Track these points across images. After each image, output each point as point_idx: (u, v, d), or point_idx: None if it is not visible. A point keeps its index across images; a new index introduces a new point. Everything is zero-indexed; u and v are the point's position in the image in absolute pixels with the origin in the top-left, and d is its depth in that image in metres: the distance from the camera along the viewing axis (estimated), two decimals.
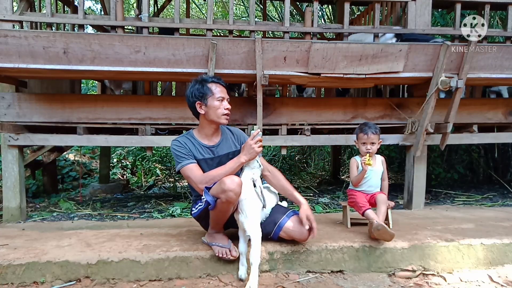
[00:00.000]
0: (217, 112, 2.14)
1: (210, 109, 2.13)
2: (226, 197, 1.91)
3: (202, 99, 2.14)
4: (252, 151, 2.04)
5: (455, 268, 2.26)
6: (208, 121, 2.19)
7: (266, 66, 2.87)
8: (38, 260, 2.05)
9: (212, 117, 2.15)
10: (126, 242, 2.34)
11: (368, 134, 2.54)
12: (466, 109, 3.50)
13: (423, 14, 3.34)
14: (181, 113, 3.25)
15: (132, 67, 2.80)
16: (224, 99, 2.16)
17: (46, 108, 3.15)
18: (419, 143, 3.21)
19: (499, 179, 4.89)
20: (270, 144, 3.35)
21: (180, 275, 2.10)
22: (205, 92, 2.13)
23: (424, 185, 3.46)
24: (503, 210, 3.45)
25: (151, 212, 3.57)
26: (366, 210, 2.43)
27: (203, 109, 2.15)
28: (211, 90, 2.14)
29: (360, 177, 2.55)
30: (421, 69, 3.02)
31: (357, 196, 2.54)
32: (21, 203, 3.18)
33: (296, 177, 6.32)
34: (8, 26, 2.97)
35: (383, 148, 5.63)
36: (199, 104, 2.15)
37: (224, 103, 2.15)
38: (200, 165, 2.16)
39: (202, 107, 2.15)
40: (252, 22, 3.27)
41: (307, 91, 4.52)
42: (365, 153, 2.54)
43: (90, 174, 6.22)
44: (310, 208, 2.20)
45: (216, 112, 2.14)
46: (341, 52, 2.85)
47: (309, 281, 2.12)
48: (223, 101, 2.15)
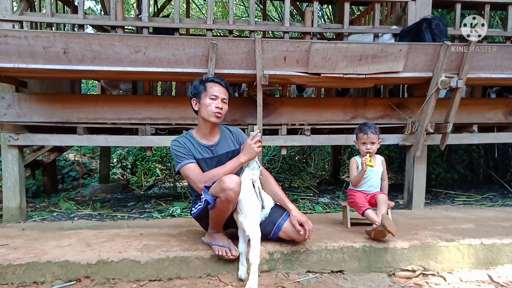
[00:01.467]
0: (207, 109, 2.15)
1: (202, 106, 2.18)
2: (226, 196, 1.91)
3: (196, 96, 2.20)
4: (252, 151, 2.06)
5: (455, 268, 2.26)
6: (202, 119, 2.22)
7: (266, 66, 2.87)
8: (38, 260, 2.05)
9: (203, 115, 2.18)
10: (126, 242, 2.34)
11: (368, 134, 2.54)
12: (466, 109, 3.49)
13: (423, 14, 3.34)
14: (181, 113, 3.25)
15: (132, 67, 2.80)
16: (217, 98, 2.16)
17: (46, 108, 3.15)
18: (419, 143, 3.20)
19: (499, 179, 4.89)
20: (270, 144, 3.36)
21: (180, 275, 2.10)
22: (200, 89, 2.18)
23: (424, 185, 3.46)
24: (503, 210, 3.45)
25: (151, 212, 3.57)
26: (365, 210, 2.44)
27: (197, 106, 2.21)
28: (206, 88, 2.18)
29: (359, 177, 2.55)
30: (421, 69, 3.02)
31: (356, 196, 2.54)
32: (21, 203, 3.18)
33: (296, 177, 6.31)
34: (8, 26, 2.97)
35: (383, 148, 5.63)
36: (194, 101, 2.22)
37: (216, 101, 2.16)
38: (199, 165, 2.17)
39: (196, 104, 2.21)
40: (252, 22, 3.27)
41: (307, 91, 4.52)
42: (365, 153, 2.54)
43: (90, 174, 6.22)
44: (302, 212, 2.23)
45: (207, 109, 2.15)
46: (341, 52, 2.85)
47: (309, 281, 2.12)
48: (216, 99, 2.16)
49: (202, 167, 2.17)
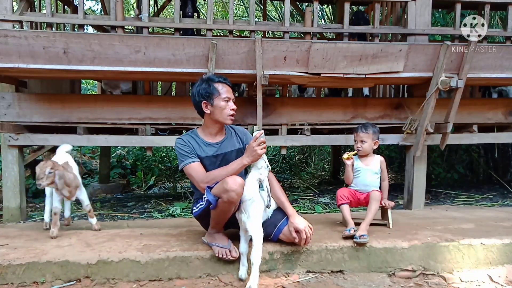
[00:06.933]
0: (223, 113, 2.14)
1: (216, 109, 2.14)
2: (228, 197, 1.91)
3: (208, 99, 2.13)
4: (255, 153, 1.99)
5: (455, 268, 2.26)
6: (213, 121, 2.19)
7: (266, 66, 2.87)
8: (38, 260, 2.05)
9: (217, 117, 2.15)
10: (126, 242, 2.33)
11: (358, 132, 2.60)
12: (466, 109, 3.49)
13: (423, 14, 3.34)
14: (181, 113, 3.25)
15: (132, 67, 2.80)
16: (230, 99, 2.16)
17: (46, 108, 3.15)
18: (419, 143, 3.20)
19: (499, 179, 4.89)
20: (270, 144, 3.35)
21: (180, 275, 2.10)
22: (212, 92, 2.13)
23: (424, 185, 3.45)
24: (503, 210, 3.45)
25: (151, 212, 3.57)
26: (341, 204, 2.52)
27: (208, 108, 2.15)
28: (218, 90, 2.13)
29: (346, 173, 2.61)
30: (421, 69, 3.02)
31: (340, 189, 2.59)
32: (21, 203, 3.18)
33: (296, 177, 6.31)
34: (8, 26, 2.97)
35: (383, 148, 5.63)
36: (205, 104, 2.15)
37: (230, 103, 2.16)
38: (204, 163, 2.16)
39: (208, 106, 2.15)
40: (252, 22, 3.27)
41: (308, 91, 4.52)
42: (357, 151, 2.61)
43: (90, 174, 6.22)
44: (302, 213, 2.22)
45: (222, 113, 2.14)
46: (341, 52, 2.85)
47: (309, 281, 2.12)
48: (229, 101, 2.15)
49: (206, 165, 2.16)
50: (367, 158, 2.63)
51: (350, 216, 2.48)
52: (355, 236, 2.25)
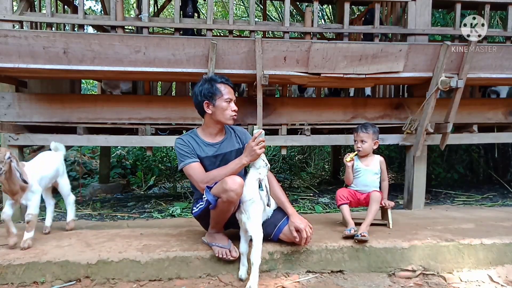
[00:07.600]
0: (225, 113, 2.14)
1: (218, 109, 2.14)
2: (227, 197, 1.91)
3: (210, 99, 2.13)
4: (254, 153, 1.99)
5: (455, 268, 2.26)
6: (214, 121, 2.19)
7: (266, 66, 2.87)
8: (38, 260, 2.05)
9: (219, 118, 2.16)
10: (126, 242, 2.33)
11: (358, 132, 2.60)
12: (466, 109, 3.49)
13: (423, 14, 3.34)
14: (181, 113, 3.25)
15: (132, 67, 2.80)
16: (231, 100, 2.16)
17: (46, 108, 3.15)
18: (419, 143, 3.20)
19: (499, 179, 4.89)
20: (270, 144, 3.36)
21: (180, 275, 2.10)
22: (214, 92, 2.13)
23: (424, 185, 3.45)
24: (503, 210, 3.45)
25: (151, 212, 3.57)
26: (341, 204, 2.51)
27: (210, 109, 2.15)
28: (220, 91, 2.14)
29: (346, 174, 2.60)
30: (421, 69, 3.02)
31: (340, 190, 2.59)
32: None
33: (296, 177, 6.31)
34: (8, 26, 2.97)
35: (383, 148, 5.63)
36: (207, 104, 2.15)
37: (231, 104, 2.16)
38: (203, 163, 2.16)
39: (209, 107, 2.15)
40: (252, 22, 3.27)
41: (308, 91, 4.52)
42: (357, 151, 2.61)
43: (90, 174, 6.22)
44: (302, 213, 2.22)
45: (224, 113, 2.14)
46: (341, 52, 2.85)
47: (309, 281, 2.12)
48: (230, 102, 2.16)
49: (206, 165, 2.16)
50: (367, 158, 2.63)
51: (350, 216, 2.48)
52: (356, 234, 2.26)
